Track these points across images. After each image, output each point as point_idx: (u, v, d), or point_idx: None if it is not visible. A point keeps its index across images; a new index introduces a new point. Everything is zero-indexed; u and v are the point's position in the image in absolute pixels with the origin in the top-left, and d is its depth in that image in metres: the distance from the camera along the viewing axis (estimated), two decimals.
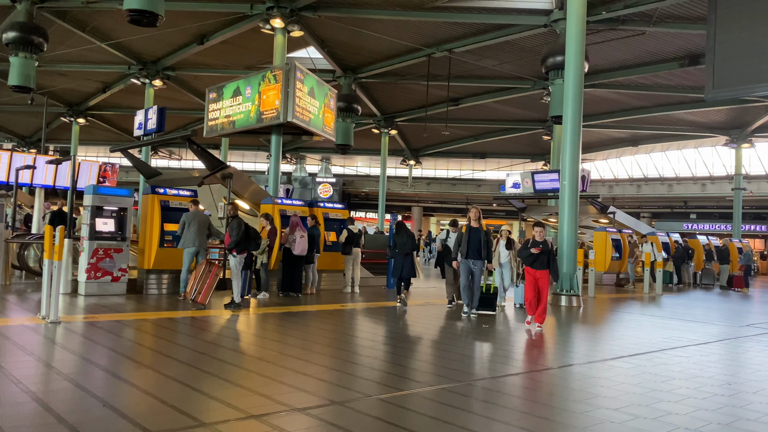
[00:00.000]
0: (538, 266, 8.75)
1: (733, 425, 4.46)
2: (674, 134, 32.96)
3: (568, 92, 13.15)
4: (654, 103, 27.22)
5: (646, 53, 21.19)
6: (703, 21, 15.87)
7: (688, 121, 30.15)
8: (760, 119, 27.59)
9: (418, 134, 33.71)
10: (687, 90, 23.84)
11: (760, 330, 10.04)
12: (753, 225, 37.28)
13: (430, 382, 5.47)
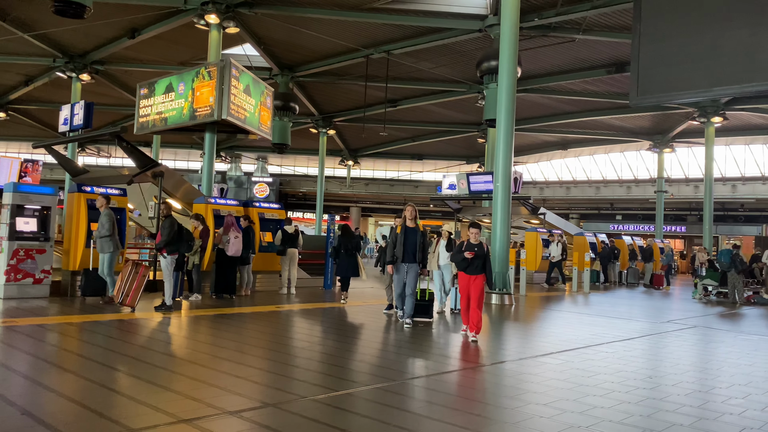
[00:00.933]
0: (473, 271, 8.04)
1: (654, 416, 4.68)
2: (602, 139, 34.32)
3: (502, 96, 13.47)
4: (583, 108, 28.25)
5: (575, 60, 21.98)
6: (629, 30, 16.62)
7: (615, 126, 31.46)
8: (681, 126, 29.10)
9: (356, 135, 33.73)
10: (614, 96, 24.87)
11: (680, 326, 10.58)
12: (674, 226, 39.25)
13: (366, 382, 5.48)
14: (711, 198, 25.99)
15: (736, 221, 37.61)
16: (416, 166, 43.60)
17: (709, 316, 12.40)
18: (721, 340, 9.30)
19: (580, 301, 14.88)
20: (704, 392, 5.61)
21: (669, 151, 32.54)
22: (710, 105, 25.07)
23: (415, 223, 9.04)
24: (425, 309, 9.49)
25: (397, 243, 8.90)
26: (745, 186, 35.27)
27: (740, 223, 37.54)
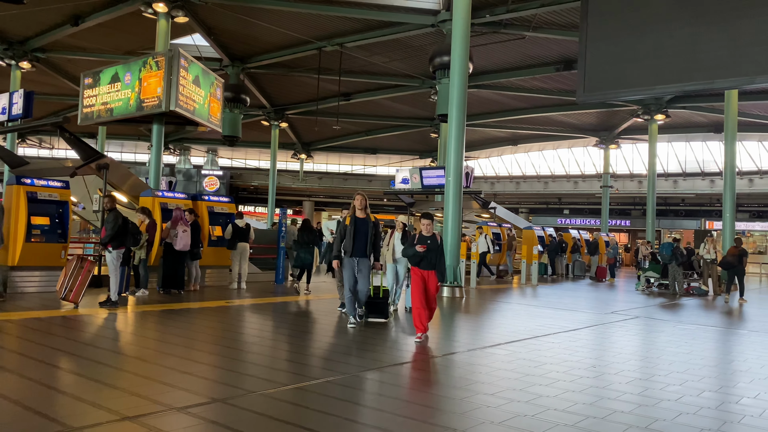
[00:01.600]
0: (426, 266, 7.37)
1: (596, 404, 4.83)
2: (550, 135, 35.08)
3: (453, 92, 13.60)
4: (532, 104, 28.80)
5: (526, 57, 22.37)
6: (576, 29, 17.00)
7: (563, 122, 32.21)
8: (626, 123, 30.01)
9: (309, 128, 33.52)
10: (562, 93, 25.44)
11: (623, 316, 10.94)
12: (618, 220, 40.47)
13: (316, 376, 5.47)
14: (654, 193, 26.90)
15: (677, 215, 39.07)
16: (370, 160, 43.63)
17: (651, 307, 12.86)
18: (662, 330, 9.67)
19: (528, 293, 15.20)
20: (644, 380, 5.82)
21: (614, 148, 33.53)
22: (653, 103, 25.92)
23: (365, 213, 8.21)
24: (380, 308, 8.73)
25: (345, 236, 8.09)
26: (686, 181, 36.66)
27: (681, 217, 39.00)
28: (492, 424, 4.19)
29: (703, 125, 30.77)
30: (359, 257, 8.14)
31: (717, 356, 7.66)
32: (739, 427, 4.41)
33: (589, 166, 40.00)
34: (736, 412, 4.79)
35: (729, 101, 20.07)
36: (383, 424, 4.16)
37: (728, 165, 20.09)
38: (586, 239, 24.91)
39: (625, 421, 4.37)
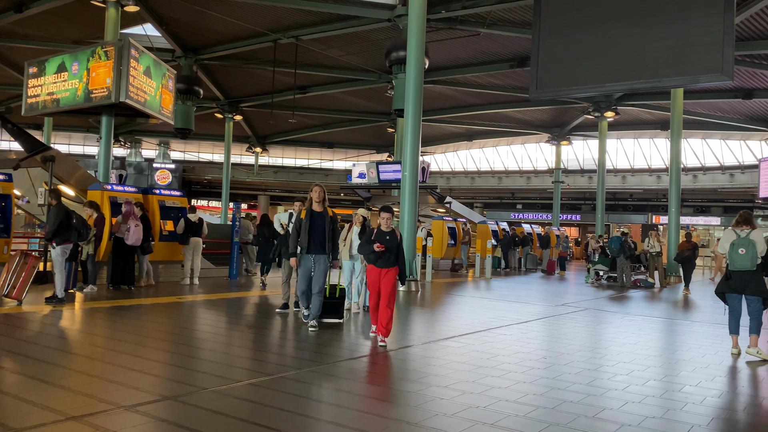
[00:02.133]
0: (384, 264, 6.80)
1: (547, 395, 4.94)
2: (504, 131, 35.59)
3: (410, 87, 13.65)
4: (487, 101, 29.16)
5: (480, 54, 22.61)
6: (530, 26, 17.27)
7: (517, 119, 32.72)
8: (577, 119, 30.69)
9: (264, 121, 33.11)
10: (516, 90, 25.81)
11: (573, 308, 11.22)
12: (569, 215, 41.45)
13: (270, 372, 5.43)
14: (603, 188, 27.61)
15: (626, 210, 40.25)
16: (326, 154, 43.42)
17: (600, 299, 13.22)
18: (610, 321, 9.95)
19: (482, 286, 15.42)
20: (593, 370, 5.98)
21: (566, 144, 34.28)
22: (603, 100, 26.56)
23: (323, 206, 7.61)
24: (335, 308, 8.13)
25: (301, 230, 7.49)
26: (634, 177, 37.77)
27: (629, 211, 40.20)
28: (445, 416, 4.24)
29: (651, 123, 31.72)
30: (316, 254, 7.50)
31: (662, 346, 7.93)
32: (681, 414, 4.58)
33: (541, 162, 40.80)
34: (679, 400, 4.97)
35: (675, 100, 20.75)
36: (337, 419, 4.16)
37: (674, 161, 20.77)
38: (538, 233, 25.42)
39: (574, 411, 4.48)
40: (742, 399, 5.29)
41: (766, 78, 22.30)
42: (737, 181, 34.20)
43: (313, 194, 7.58)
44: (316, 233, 7.48)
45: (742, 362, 6.70)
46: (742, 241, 6.91)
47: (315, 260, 7.52)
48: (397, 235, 6.90)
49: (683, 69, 10.18)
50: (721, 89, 24.00)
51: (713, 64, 9.84)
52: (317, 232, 7.49)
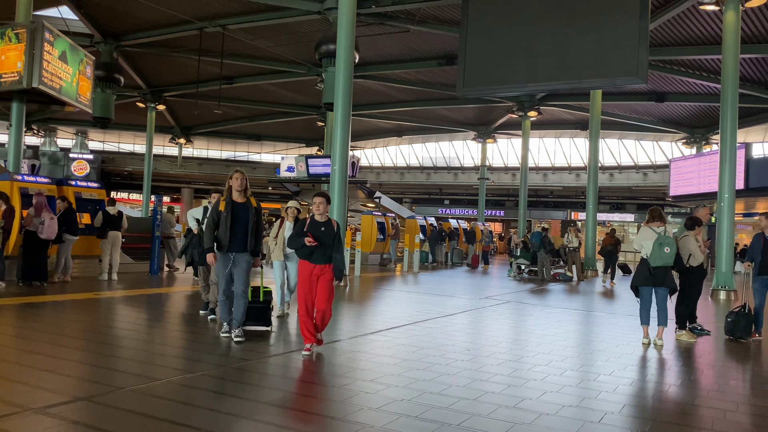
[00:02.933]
0: (319, 259, 5.97)
1: (469, 386, 5.06)
2: (433, 128, 36.10)
3: (339, 81, 13.60)
4: (416, 97, 29.46)
5: (410, 50, 22.81)
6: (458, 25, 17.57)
7: (445, 116, 33.25)
8: (502, 118, 31.52)
9: (189, 111, 32.16)
10: (444, 88, 26.22)
11: (496, 301, 11.53)
12: (494, 210, 42.58)
13: (191, 369, 5.28)
14: (526, 185, 28.50)
15: (547, 206, 41.75)
16: (254, 147, 42.66)
17: (522, 292, 13.65)
18: (530, 314, 10.30)
19: (410, 280, 15.60)
20: (514, 361, 6.17)
21: (491, 142, 35.17)
22: (527, 100, 27.40)
23: (245, 196, 6.55)
24: (260, 313, 6.99)
25: (220, 224, 6.42)
26: (555, 175, 39.21)
27: (550, 208, 41.73)
28: (370, 410, 4.26)
29: (571, 123, 33.00)
30: (237, 252, 6.47)
31: (578, 337, 8.28)
32: (596, 402, 4.79)
33: (468, 159, 41.68)
34: (594, 389, 5.21)
35: (594, 101, 21.66)
36: (261, 416, 4.10)
37: (592, 160, 21.69)
38: (464, 228, 25.96)
39: (495, 402, 4.61)
40: (650, 386, 5.60)
41: (677, 82, 23.65)
42: (650, 180, 36.15)
43: (233, 182, 6.46)
44: (238, 228, 6.42)
45: (651, 351, 7.09)
46: (667, 240, 7.31)
47: (236, 259, 6.47)
48: (334, 226, 6.08)
49: (602, 71, 10.63)
50: (636, 92, 25.27)
51: (629, 67, 10.33)
52: (239, 226, 6.42)
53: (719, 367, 6.54)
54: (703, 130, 29.68)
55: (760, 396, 5.36)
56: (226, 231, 6.37)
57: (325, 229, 6.00)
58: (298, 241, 5.99)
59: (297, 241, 6.01)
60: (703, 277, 8.32)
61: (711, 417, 4.59)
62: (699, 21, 17.59)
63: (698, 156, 27.22)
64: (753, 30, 17.60)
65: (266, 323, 7.05)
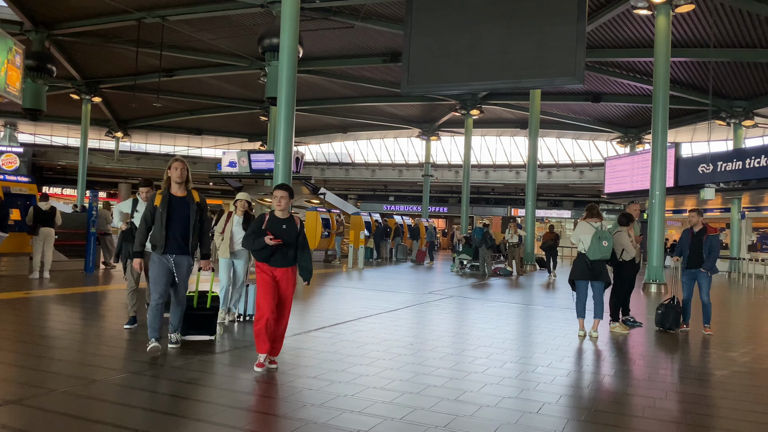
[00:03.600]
0: (280, 261, 5.26)
1: (412, 380, 5.12)
2: (378, 124, 36.20)
3: (283, 75, 13.45)
4: (361, 93, 29.46)
5: (355, 46, 22.78)
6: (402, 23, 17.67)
7: (390, 113, 33.40)
8: (445, 116, 31.91)
9: (126, 104, 31.12)
10: (389, 85, 26.32)
11: (439, 296, 11.69)
12: (438, 207, 43.07)
13: (129, 369, 5.13)
14: (468, 182, 28.97)
15: (488, 203, 42.53)
16: (195, 141, 41.69)
17: (464, 287, 13.88)
18: (472, 308, 10.49)
19: (354, 276, 15.62)
20: (456, 354, 6.28)
21: (435, 139, 35.57)
22: (470, 98, 27.83)
23: (186, 189, 5.69)
24: (204, 321, 6.31)
25: (155, 221, 5.57)
26: (496, 172, 40.00)
27: (491, 204, 42.51)
28: (313, 406, 4.25)
29: (512, 122, 33.72)
30: (176, 254, 5.61)
31: (518, 330, 8.49)
32: (534, 393, 4.93)
33: (412, 156, 41.99)
34: (533, 380, 5.36)
35: (533, 101, 22.20)
36: (203, 415, 4.03)
37: (531, 158, 22.24)
38: (408, 224, 26.16)
39: (437, 395, 4.68)
40: (586, 377, 5.80)
41: (612, 84, 24.50)
42: (586, 178, 37.34)
43: (171, 172, 5.60)
44: (176, 226, 5.57)
45: (587, 343, 7.34)
46: (605, 235, 7.62)
47: (175, 261, 5.61)
48: (297, 223, 5.37)
49: (541, 72, 10.90)
50: (574, 92, 26.05)
51: (567, 68, 10.63)
52: (177, 224, 5.57)
53: (650, 357, 6.83)
54: (637, 130, 30.88)
55: (688, 383, 5.63)
56: (162, 229, 5.50)
57: (287, 226, 5.28)
58: (257, 241, 5.18)
59: (255, 242, 5.19)
60: (635, 271, 8.68)
61: (642, 405, 4.80)
62: (633, 25, 18.28)
63: (632, 155, 28.29)
64: (683, 35, 18.42)
65: (210, 332, 6.34)
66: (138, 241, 5.61)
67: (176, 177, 5.60)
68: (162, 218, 5.52)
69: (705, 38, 18.36)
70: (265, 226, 5.24)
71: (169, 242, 5.55)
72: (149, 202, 5.66)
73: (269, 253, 5.22)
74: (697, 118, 26.31)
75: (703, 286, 8.27)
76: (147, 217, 5.59)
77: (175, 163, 5.64)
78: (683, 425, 4.33)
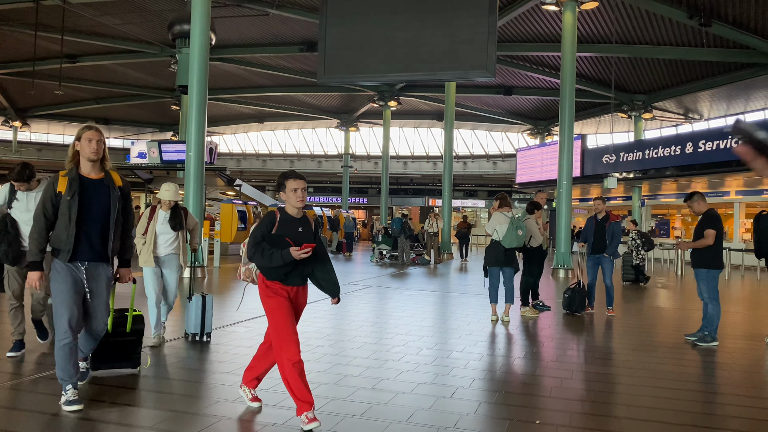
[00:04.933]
0: (299, 278, 3.95)
1: (330, 371, 5.12)
2: (296, 114, 35.80)
3: (194, 63, 13.02)
4: (278, 83, 29.00)
5: (271, 35, 22.36)
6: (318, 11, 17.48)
7: (308, 103, 33.09)
8: (364, 107, 31.96)
9: (25, 91, 29.16)
10: (306, 74, 26.04)
11: (359, 286, 11.74)
12: (357, 198, 43.20)
13: (35, 371, 4.85)
14: (387, 173, 29.21)
15: (407, 194, 43.10)
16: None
17: (383, 277, 14.02)
18: (390, 297, 10.61)
19: None
20: (373, 344, 6.33)
21: (354, 130, 35.59)
22: (387, 90, 28.02)
23: (102, 169, 4.12)
24: (124, 350, 4.79)
25: (58, 215, 3.95)
26: (414, 163, 40.55)
27: (410, 195, 43.12)
28: (227, 402, 4.18)
29: (429, 113, 34.26)
30: (90, 261, 4.01)
31: (434, 317, 8.67)
32: (448, 378, 5.06)
33: (331, 147, 41.85)
34: (447, 365, 5.49)
35: (449, 93, 22.63)
36: (110, 417, 3.86)
37: (447, 149, 22.69)
38: (328, 216, 26.10)
39: (354, 384, 4.71)
40: (498, 360, 6.01)
41: (523, 77, 25.36)
42: (499, 169, 38.56)
43: (82, 146, 4.00)
44: (91, 220, 3.96)
45: (499, 327, 7.60)
46: (520, 224, 7.96)
47: (88, 273, 4.00)
48: (312, 223, 4.02)
49: (454, 64, 11.06)
50: (487, 85, 26.76)
51: (479, 61, 10.84)
52: (93, 217, 3.97)
53: (558, 339, 7.17)
54: (546, 122, 32.15)
55: (592, 363, 5.95)
56: (70, 226, 3.87)
57: (303, 228, 3.88)
58: (276, 254, 3.67)
59: (273, 255, 3.67)
60: (543, 257, 9.06)
61: (550, 385, 5.03)
62: (542, 20, 18.97)
63: (541, 146, 29.45)
64: (588, 31, 19.30)
65: (133, 364, 4.83)
66: (35, 245, 3.92)
67: (90, 152, 3.96)
68: (71, 210, 3.86)
69: (608, 35, 19.32)
70: (276, 230, 3.80)
71: (80, 245, 3.91)
72: (48, 188, 3.94)
73: (292, 267, 3.82)
74: (601, 111, 27.73)
75: (607, 271, 8.75)
76: (46, 210, 3.90)
77: (87, 132, 4.00)
78: (587, 402, 4.58)
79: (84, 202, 3.94)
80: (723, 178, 21.88)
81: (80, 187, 3.95)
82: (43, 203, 3.95)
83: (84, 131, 4.03)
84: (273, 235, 3.80)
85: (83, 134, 4.02)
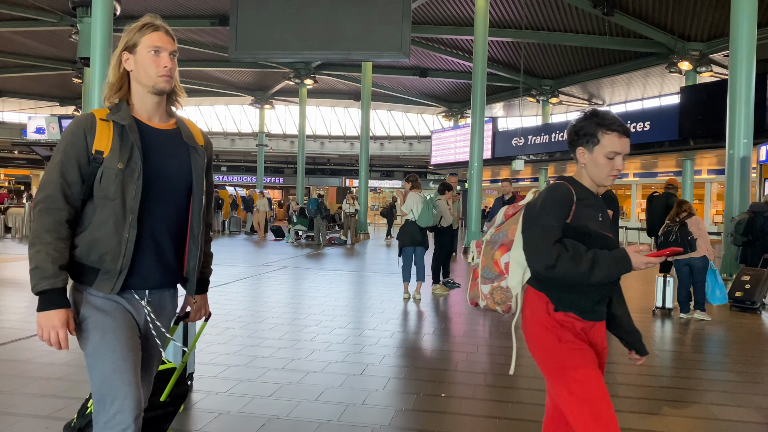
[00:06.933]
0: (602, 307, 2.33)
1: (241, 353, 5.08)
2: (207, 90, 34.61)
3: (96, 34, 12.30)
4: (188, 57, 27.86)
5: (181, 7, 21.45)
6: None
7: (220, 79, 32.07)
8: (279, 84, 31.37)
9: None
10: (218, 49, 25.22)
11: (273, 268, 11.64)
12: (273, 177, 42.55)
13: None
14: (303, 153, 28.91)
15: (324, 174, 42.89)
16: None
17: (299, 257, 13.96)
18: (305, 278, 10.60)
19: None
20: (286, 324, 6.33)
21: (269, 108, 34.88)
22: (303, 67, 27.61)
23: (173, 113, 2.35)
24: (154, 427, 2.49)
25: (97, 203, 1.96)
26: (331, 143, 40.37)
27: (327, 175, 42.93)
28: None
29: (346, 93, 34.09)
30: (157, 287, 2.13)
31: (348, 297, 8.75)
32: (359, 356, 5.14)
33: (245, 125, 40.89)
34: (359, 344, 5.58)
35: (365, 73, 22.61)
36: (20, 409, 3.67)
37: (364, 130, 22.73)
38: (242, 196, 25.58)
39: (265, 365, 4.70)
40: (409, 337, 6.17)
41: (438, 60, 25.71)
42: (415, 150, 39.08)
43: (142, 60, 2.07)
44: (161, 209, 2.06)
45: (411, 305, 7.78)
46: (434, 203, 8.26)
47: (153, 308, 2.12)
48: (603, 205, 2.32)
49: (369, 45, 11.08)
50: (403, 67, 26.93)
51: (394, 42, 10.91)
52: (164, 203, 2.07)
53: (467, 316, 7.43)
54: (459, 105, 32.81)
55: (496, 337, 6.22)
56: (126, 222, 1.97)
57: (603, 215, 2.26)
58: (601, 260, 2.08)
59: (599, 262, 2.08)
60: (454, 236, 9.33)
61: (457, 359, 5.23)
62: (456, 3, 19.26)
63: (455, 128, 30.06)
64: (500, 15, 19.79)
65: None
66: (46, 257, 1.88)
67: (160, 72, 2.10)
68: (126, 192, 1.97)
69: (519, 20, 19.89)
70: (573, 217, 2.18)
71: (143, 257, 2.03)
72: (72, 142, 1.96)
73: (603, 295, 2.27)
74: (511, 95, 28.60)
75: None
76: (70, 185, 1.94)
77: (152, 33, 2.08)
78: (490, 375, 4.80)
79: (150, 176, 2.02)
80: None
81: (142, 141, 2.04)
82: (61, 171, 1.94)
83: (147, 31, 2.08)
84: (570, 226, 2.17)
85: (144, 37, 2.08)
